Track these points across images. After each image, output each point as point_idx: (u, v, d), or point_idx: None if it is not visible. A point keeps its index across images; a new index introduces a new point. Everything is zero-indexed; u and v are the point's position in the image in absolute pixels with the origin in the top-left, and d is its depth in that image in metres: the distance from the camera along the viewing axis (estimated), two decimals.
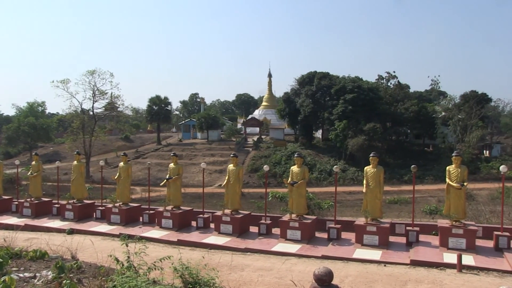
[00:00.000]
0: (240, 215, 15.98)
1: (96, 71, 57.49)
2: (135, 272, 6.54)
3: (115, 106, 63.85)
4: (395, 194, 41.16)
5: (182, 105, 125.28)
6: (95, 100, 59.01)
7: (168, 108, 77.55)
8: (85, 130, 57.22)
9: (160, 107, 74.18)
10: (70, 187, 20.24)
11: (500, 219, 14.60)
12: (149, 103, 74.42)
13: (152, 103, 74.00)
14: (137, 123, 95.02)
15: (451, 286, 9.75)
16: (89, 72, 57.18)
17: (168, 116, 77.89)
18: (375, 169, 14.40)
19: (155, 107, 73.99)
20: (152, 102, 74.05)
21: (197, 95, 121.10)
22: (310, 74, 66.32)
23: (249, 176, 53.17)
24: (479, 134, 57.44)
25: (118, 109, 65.10)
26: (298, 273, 10.76)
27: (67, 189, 22.24)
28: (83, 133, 56.84)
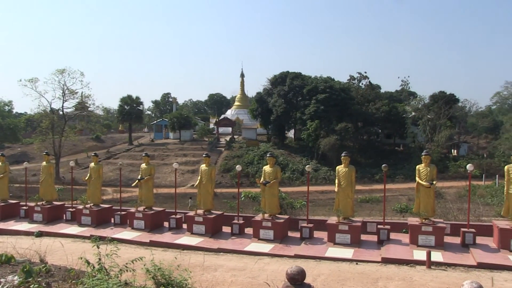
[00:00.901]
0: (213, 215, 15.94)
1: (66, 70, 56.32)
2: (106, 274, 6.45)
3: (85, 106, 62.59)
4: (367, 193, 41.68)
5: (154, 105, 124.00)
6: (65, 99, 57.82)
7: (140, 108, 76.65)
8: (54, 130, 55.98)
9: (132, 107, 73.24)
10: (38, 188, 19.83)
11: (467, 216, 14.96)
12: (120, 102, 73.35)
13: (124, 103, 73.00)
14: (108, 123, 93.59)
15: (420, 283, 9.94)
16: (58, 71, 55.94)
17: (140, 116, 77.00)
18: (347, 168, 14.56)
19: (126, 107, 72.99)
20: (123, 102, 73.04)
21: (169, 95, 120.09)
22: (282, 74, 66.53)
23: (222, 176, 53.03)
24: (448, 134, 58.70)
25: (88, 109, 63.84)
26: (271, 273, 10.77)
27: (36, 190, 21.78)
28: (52, 133, 55.60)
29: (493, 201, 29.34)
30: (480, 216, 20.31)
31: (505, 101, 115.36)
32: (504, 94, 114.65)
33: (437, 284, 9.74)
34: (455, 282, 9.73)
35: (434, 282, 9.92)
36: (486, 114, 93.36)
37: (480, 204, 25.73)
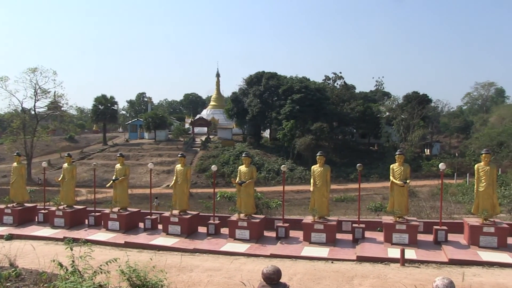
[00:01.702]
0: (188, 215, 15.85)
1: (38, 68, 55.28)
2: (80, 277, 6.34)
3: (58, 106, 61.56)
4: (342, 192, 42.03)
5: (129, 105, 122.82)
6: (37, 99, 56.72)
7: (114, 107, 75.78)
8: (26, 130, 54.88)
9: (106, 107, 72.33)
10: (9, 190, 19.40)
11: (439, 214, 15.24)
12: (94, 102, 72.37)
13: (98, 103, 72.04)
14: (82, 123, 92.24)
15: (394, 280, 10.09)
16: (30, 69, 54.91)
17: (114, 116, 76.13)
18: (322, 168, 14.65)
19: (101, 106, 72.05)
20: (97, 102, 72.08)
21: (144, 94, 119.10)
22: (258, 74, 66.63)
23: (197, 176, 52.83)
24: (421, 133, 59.72)
25: (62, 109, 62.80)
26: (247, 273, 10.79)
27: (6, 192, 21.33)
28: (23, 133, 54.50)
29: (464, 199, 29.94)
30: (452, 214, 20.71)
31: (475, 101, 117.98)
32: (474, 95, 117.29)
33: (410, 281, 9.90)
34: (428, 279, 9.90)
35: (407, 279, 10.09)
36: (457, 114, 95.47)
37: (451, 202, 26.23)
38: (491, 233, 13.00)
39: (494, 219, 13.70)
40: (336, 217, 16.36)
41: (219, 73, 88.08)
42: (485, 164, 13.74)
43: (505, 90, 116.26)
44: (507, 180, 33.01)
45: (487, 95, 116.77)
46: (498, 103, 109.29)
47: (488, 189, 13.58)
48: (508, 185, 28.59)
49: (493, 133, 60.70)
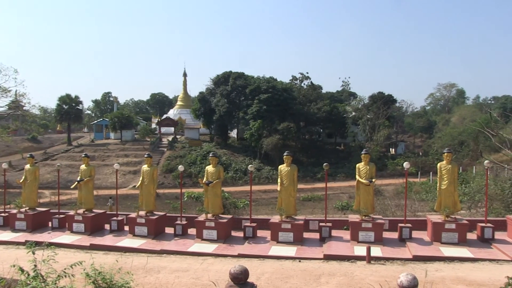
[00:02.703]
0: (155, 216, 15.72)
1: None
2: (42, 282, 6.17)
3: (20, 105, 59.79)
4: (309, 191, 42.36)
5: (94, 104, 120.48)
6: None
7: (79, 107, 74.20)
8: None
9: (71, 106, 70.72)
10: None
11: (403, 212, 15.57)
12: (58, 102, 70.63)
13: (62, 102, 70.35)
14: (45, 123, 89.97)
15: (361, 277, 10.26)
16: None
17: (79, 116, 74.59)
18: (289, 167, 14.74)
19: (65, 106, 70.37)
20: (62, 101, 70.39)
21: (110, 94, 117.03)
22: (225, 74, 66.46)
23: (164, 176, 52.35)
24: (386, 133, 60.77)
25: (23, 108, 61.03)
26: (215, 273, 10.77)
27: None
28: None
29: (428, 197, 30.63)
30: (416, 212, 21.19)
31: (438, 102, 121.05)
32: (437, 95, 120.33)
33: (376, 278, 10.07)
34: (393, 275, 10.11)
35: (373, 276, 10.27)
36: (421, 114, 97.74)
37: (415, 200, 26.82)
38: (452, 230, 13.44)
39: (455, 216, 14.13)
40: (303, 216, 16.52)
41: (186, 73, 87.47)
42: (447, 163, 14.14)
43: (465, 91, 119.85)
44: (467, 178, 33.96)
45: (449, 95, 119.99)
46: (459, 103, 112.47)
47: (449, 187, 13.99)
48: (468, 183, 29.40)
49: (455, 133, 62.35)
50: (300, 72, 75.56)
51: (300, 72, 75.56)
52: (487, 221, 14.35)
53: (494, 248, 13.09)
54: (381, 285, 8.69)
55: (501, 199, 19.23)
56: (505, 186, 19.29)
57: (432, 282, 9.34)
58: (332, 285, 9.78)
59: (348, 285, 9.71)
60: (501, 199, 19.23)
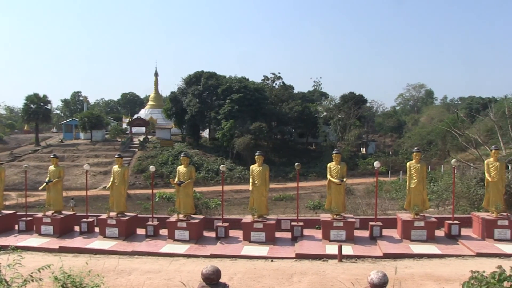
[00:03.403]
0: (126, 217, 15.53)
1: None
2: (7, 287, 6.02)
3: None
4: (281, 191, 42.54)
5: (64, 104, 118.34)
6: None
7: (47, 107, 72.66)
8: None
9: (39, 106, 69.16)
10: None
11: (374, 210, 15.81)
12: (26, 101, 68.98)
13: (30, 102, 68.74)
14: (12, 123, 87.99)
15: (332, 275, 10.37)
16: None
17: (47, 116, 73.00)
18: (261, 167, 14.79)
19: (33, 105, 68.77)
20: (29, 101, 68.78)
21: (79, 93, 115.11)
22: (197, 73, 66.16)
23: (135, 177, 51.80)
24: (357, 133, 61.52)
25: None
26: (187, 274, 10.72)
27: None
28: None
29: (398, 196, 31.13)
30: (386, 210, 21.51)
31: (407, 102, 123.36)
32: (406, 95, 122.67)
33: (348, 276, 10.20)
34: (364, 273, 10.24)
35: (345, 274, 10.40)
36: (391, 114, 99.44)
37: (386, 199, 27.23)
38: (421, 227, 13.77)
39: (424, 214, 14.47)
40: (275, 216, 16.63)
41: (157, 72, 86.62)
42: (416, 162, 14.44)
43: (433, 92, 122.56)
44: (436, 176, 34.69)
45: (418, 96, 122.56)
46: (427, 103, 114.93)
47: (418, 186, 14.31)
48: (436, 182, 30.02)
49: (423, 133, 63.57)
50: (272, 72, 76.10)
51: (272, 72, 76.10)
52: (454, 218, 14.79)
53: (460, 244, 13.52)
54: (353, 283, 8.80)
55: (467, 196, 19.72)
56: (471, 184, 19.79)
57: (401, 278, 9.52)
58: (304, 284, 9.86)
59: (320, 284, 9.80)
60: (467, 196, 19.72)
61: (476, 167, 24.52)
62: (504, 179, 15.09)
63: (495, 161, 14.46)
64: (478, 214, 14.64)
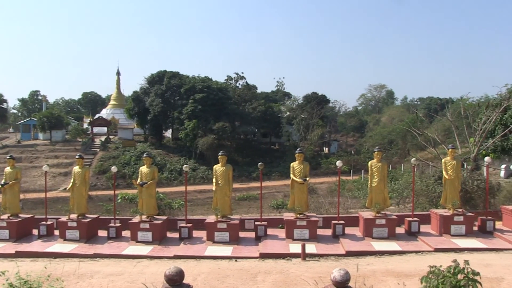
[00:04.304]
0: (88, 219, 15.22)
1: None
2: None
3: None
4: (244, 191, 42.59)
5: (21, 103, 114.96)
6: None
7: (3, 106, 70.61)
8: None
9: None
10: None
11: (337, 209, 16.04)
12: None
13: None
14: None
15: (296, 274, 10.45)
16: None
17: (3, 115, 70.92)
18: (224, 167, 14.77)
19: None
20: None
21: (38, 92, 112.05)
22: (160, 73, 65.55)
23: (97, 178, 50.89)
24: (320, 133, 62.29)
25: None
26: (150, 275, 10.60)
27: None
28: None
29: (360, 194, 31.69)
30: (349, 209, 21.83)
31: (369, 102, 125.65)
32: (368, 96, 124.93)
33: (311, 274, 10.30)
34: (327, 271, 10.36)
35: (308, 273, 10.50)
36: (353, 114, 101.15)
37: (348, 198, 27.65)
38: (383, 225, 14.09)
39: (385, 212, 14.79)
40: (239, 216, 16.63)
41: (119, 72, 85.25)
42: (377, 161, 14.74)
43: (394, 92, 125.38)
44: (396, 175, 35.49)
45: (379, 96, 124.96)
46: (388, 104, 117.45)
47: (380, 184, 14.62)
48: (397, 180, 30.72)
49: (384, 132, 64.84)
50: (235, 72, 76.08)
51: (235, 72, 76.08)
52: (413, 216, 15.24)
53: (419, 240, 13.93)
54: (316, 281, 8.90)
55: (426, 194, 20.25)
56: (430, 182, 20.32)
57: (363, 275, 9.68)
58: (268, 283, 9.90)
59: (284, 283, 9.86)
60: (426, 194, 20.25)
61: (435, 166, 25.21)
62: (460, 177, 15.59)
63: (452, 159, 14.93)
64: (436, 211, 15.09)
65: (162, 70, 66.08)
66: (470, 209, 17.20)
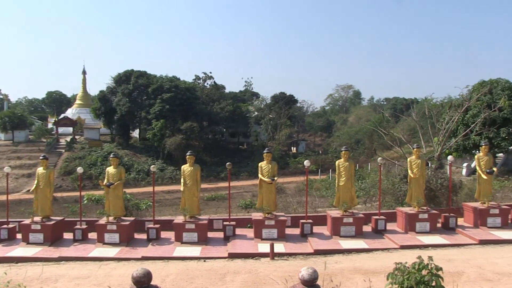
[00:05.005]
0: (52, 221, 14.87)
1: None
2: None
3: None
4: (213, 191, 42.48)
5: None
6: None
7: None
8: None
9: None
10: None
11: (305, 208, 16.16)
12: None
13: None
14: None
15: (265, 273, 10.49)
16: None
17: None
18: (192, 167, 14.70)
19: None
20: None
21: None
22: (127, 72, 64.77)
23: (62, 179, 49.89)
24: (288, 132, 62.73)
25: None
26: (117, 278, 10.47)
27: None
28: None
29: (328, 193, 32.06)
30: (316, 208, 22.03)
31: (336, 102, 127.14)
32: (335, 96, 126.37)
33: (280, 273, 10.35)
34: (295, 270, 10.42)
35: (277, 272, 10.55)
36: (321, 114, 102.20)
37: (316, 197, 27.92)
38: (350, 223, 14.29)
39: (352, 211, 15.00)
40: (207, 216, 16.56)
41: (85, 71, 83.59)
42: (344, 160, 14.93)
43: (361, 92, 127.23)
44: (363, 174, 36.06)
45: (346, 96, 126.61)
46: (355, 104, 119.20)
47: (347, 183, 14.81)
48: (364, 179, 31.19)
49: (352, 132, 65.84)
50: (203, 71, 75.82)
51: (203, 71, 75.82)
52: (380, 214, 15.48)
53: (386, 238, 14.19)
54: (286, 279, 8.94)
55: (392, 192, 20.62)
56: (396, 181, 20.69)
57: (331, 274, 9.78)
58: (237, 283, 9.90)
59: (253, 282, 9.88)
60: (392, 192, 20.62)
61: (400, 165, 25.68)
62: (425, 176, 15.98)
63: (417, 158, 15.28)
64: (402, 209, 15.41)
65: (129, 70, 65.34)
66: (434, 206, 17.61)
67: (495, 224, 14.99)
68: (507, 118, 33.87)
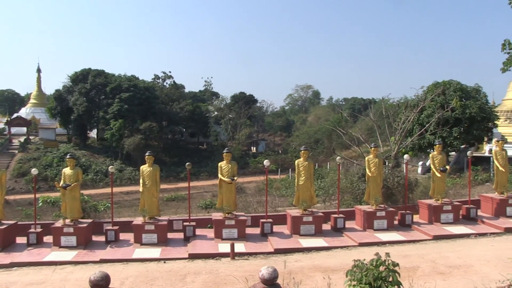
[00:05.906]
0: (4, 225, 14.33)
1: None
2: None
3: None
4: (172, 191, 42.18)
5: None
6: None
7: None
8: None
9: None
10: None
11: (265, 208, 16.26)
12: None
13: None
14: None
15: (226, 273, 10.50)
16: None
17: None
18: (151, 168, 14.54)
19: None
20: None
21: None
22: (84, 71, 63.37)
23: (16, 181, 48.32)
24: (247, 132, 62.94)
25: None
26: (75, 282, 10.24)
27: None
28: None
29: (287, 193, 32.29)
30: (277, 207, 22.21)
31: (296, 102, 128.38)
32: (294, 96, 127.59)
33: (240, 273, 10.38)
34: (256, 269, 10.42)
35: (238, 272, 10.58)
36: (280, 114, 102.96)
37: (276, 196, 28.12)
38: (310, 222, 14.50)
39: (312, 209, 15.21)
40: (167, 217, 16.44)
41: (40, 69, 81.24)
42: (303, 160, 15.09)
43: (320, 93, 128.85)
44: (322, 173, 36.57)
45: (306, 96, 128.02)
46: (314, 104, 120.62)
47: (306, 182, 14.97)
48: (323, 178, 31.60)
49: (311, 131, 66.61)
50: (163, 71, 75.02)
51: (163, 71, 75.02)
52: (339, 212, 15.75)
53: (345, 236, 14.48)
54: (247, 279, 8.96)
55: (350, 191, 21.03)
56: (354, 180, 21.10)
57: (291, 272, 9.86)
58: (198, 283, 9.86)
59: (213, 283, 9.87)
60: (350, 191, 21.03)
61: (358, 164, 26.17)
62: (382, 174, 16.36)
63: (374, 157, 15.63)
64: (360, 207, 15.75)
65: (87, 68, 63.97)
66: (391, 204, 18.07)
67: (448, 220, 15.58)
68: (458, 118, 35.19)
